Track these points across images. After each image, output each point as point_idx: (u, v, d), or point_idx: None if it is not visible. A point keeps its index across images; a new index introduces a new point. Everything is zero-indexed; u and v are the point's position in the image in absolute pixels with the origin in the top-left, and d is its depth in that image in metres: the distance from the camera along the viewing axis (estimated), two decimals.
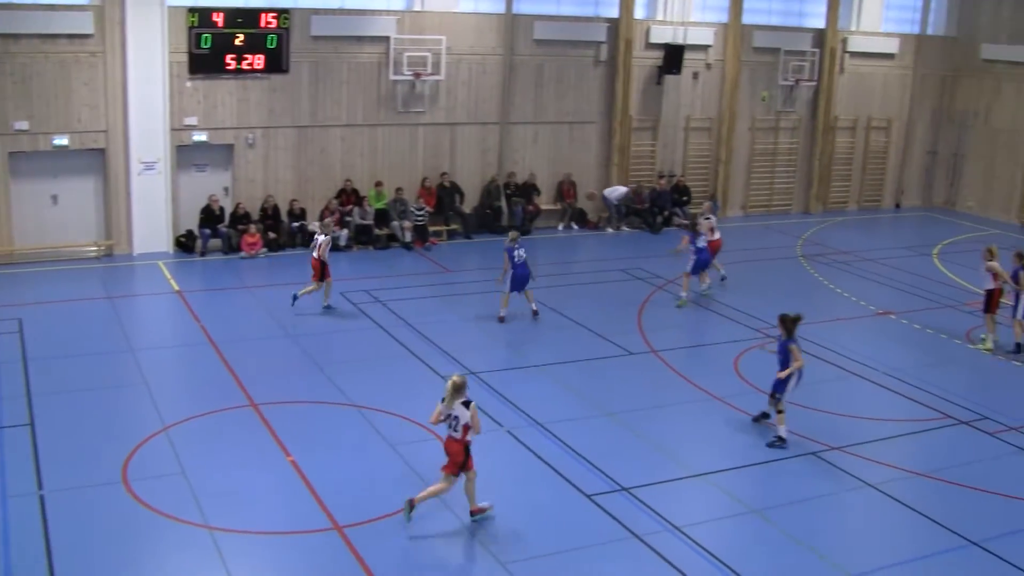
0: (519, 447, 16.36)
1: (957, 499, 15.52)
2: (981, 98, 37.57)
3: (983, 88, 37.50)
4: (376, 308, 23.00)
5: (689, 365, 20.48)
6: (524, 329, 22.22)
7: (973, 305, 24.45)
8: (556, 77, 31.28)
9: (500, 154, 30.95)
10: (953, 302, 25.29)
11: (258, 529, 13.51)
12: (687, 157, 34.11)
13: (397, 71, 28.56)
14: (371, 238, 28.29)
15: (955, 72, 38.37)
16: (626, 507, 14.55)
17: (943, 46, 38.13)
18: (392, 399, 17.83)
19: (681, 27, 32.54)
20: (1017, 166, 36.43)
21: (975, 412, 18.79)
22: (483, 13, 30.05)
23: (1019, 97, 36.22)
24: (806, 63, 35.02)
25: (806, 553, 13.69)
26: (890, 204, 38.79)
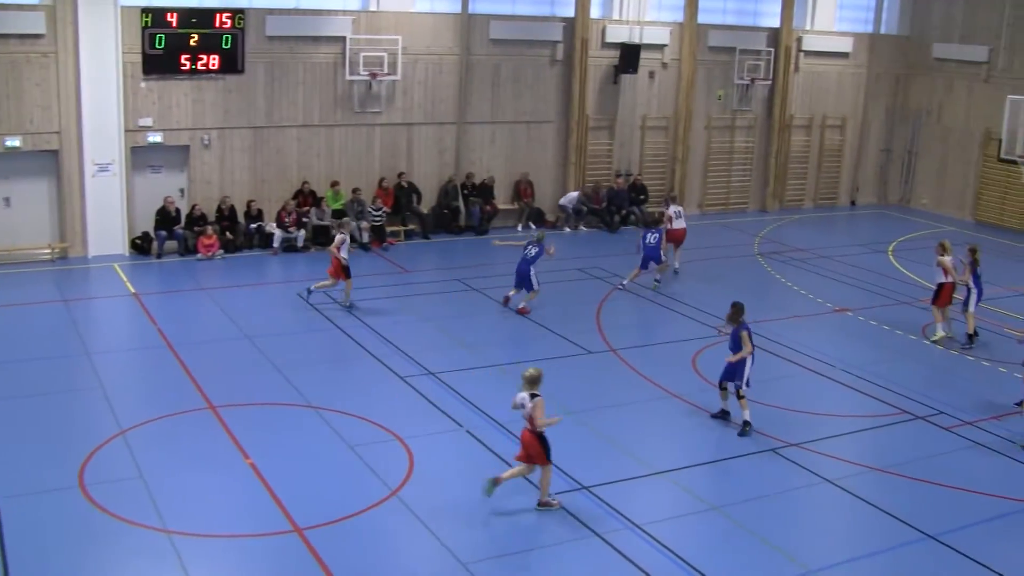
0: (479, 447, 16.34)
1: (914, 493, 15.64)
2: (934, 97, 37.94)
3: (935, 87, 37.87)
4: (334, 309, 22.91)
5: (648, 363, 20.52)
6: (483, 329, 22.20)
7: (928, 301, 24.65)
8: (513, 77, 31.29)
9: (457, 154, 30.91)
10: (908, 298, 25.51)
11: (217, 532, 13.41)
12: (644, 156, 34.21)
13: (353, 71, 28.47)
14: (329, 239, 28.13)
15: (908, 71, 38.72)
16: (587, 506, 14.56)
17: (896, 45, 38.47)
18: (350, 400, 17.76)
19: (637, 26, 32.62)
20: (969, 164, 36.81)
21: (931, 407, 18.96)
22: (439, 13, 30.00)
23: (970, 96, 36.60)
24: (761, 62, 35.23)
25: (766, 549, 13.76)
26: (845, 202, 39.08)
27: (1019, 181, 28.15)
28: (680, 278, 26.83)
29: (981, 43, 35.99)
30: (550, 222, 32.11)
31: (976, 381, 20.60)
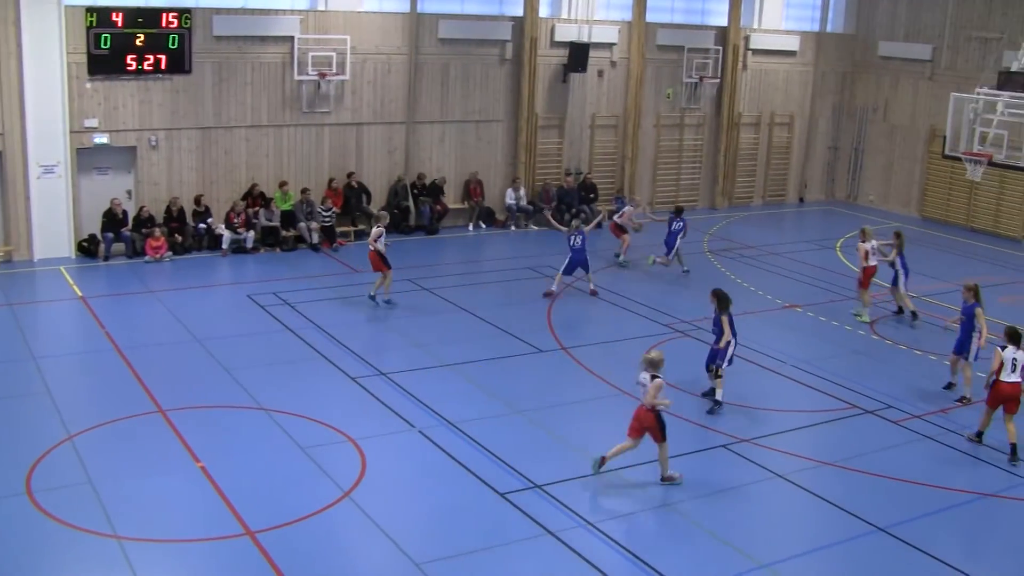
0: (431, 447, 16.31)
1: (864, 487, 15.79)
2: (880, 94, 38.34)
3: (881, 84, 38.27)
4: (284, 310, 22.79)
5: (599, 361, 20.57)
6: (434, 328, 22.16)
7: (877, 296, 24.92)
8: (462, 76, 31.26)
9: (407, 154, 30.84)
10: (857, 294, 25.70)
11: (168, 537, 13.30)
12: (593, 154, 34.29)
13: (302, 71, 28.32)
14: (278, 240, 28.02)
15: (854, 69, 39.10)
16: (539, 504, 14.57)
17: (842, 43, 38.83)
18: (301, 402, 17.67)
19: (586, 25, 32.69)
20: (915, 161, 37.23)
21: (880, 402, 19.15)
22: (387, 12, 29.91)
23: (916, 93, 37.03)
24: (709, 60, 35.42)
25: (718, 544, 13.84)
26: (794, 198, 39.40)
27: (963, 177, 28.46)
28: (631, 276, 26.92)
29: (925, 41, 36.46)
30: (500, 221, 32.10)
31: (923, 375, 20.82)
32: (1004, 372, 16.63)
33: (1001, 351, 16.74)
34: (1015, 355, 16.67)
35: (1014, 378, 16.61)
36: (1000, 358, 16.70)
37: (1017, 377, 16.62)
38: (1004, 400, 16.69)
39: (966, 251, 32.14)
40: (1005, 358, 16.67)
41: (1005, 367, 16.64)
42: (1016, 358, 16.66)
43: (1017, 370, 16.63)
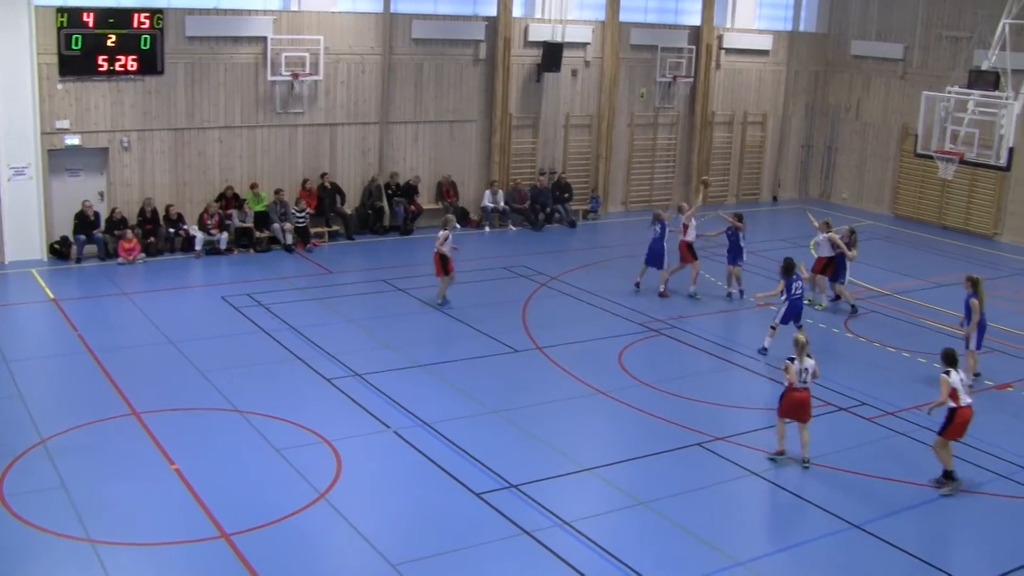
0: (407, 448, 16.29)
1: (839, 484, 15.87)
2: (852, 93, 38.53)
3: (854, 83, 38.46)
4: (258, 311, 22.71)
5: (574, 361, 20.59)
6: (408, 329, 22.13)
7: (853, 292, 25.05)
8: (435, 76, 31.22)
9: (380, 154, 30.78)
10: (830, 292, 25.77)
11: (142, 541, 13.24)
12: (567, 154, 34.31)
13: (275, 72, 28.23)
14: (252, 241, 27.93)
15: (827, 68, 39.28)
16: (515, 504, 14.58)
17: (815, 42, 38.99)
18: (276, 403, 17.63)
19: (559, 25, 32.70)
20: (887, 159, 37.44)
21: (854, 399, 19.25)
22: (361, 13, 29.84)
23: (888, 92, 37.24)
24: (683, 60, 35.50)
25: (694, 542, 13.87)
26: (767, 197, 39.54)
27: (935, 176, 28.64)
28: (605, 275, 26.95)
29: (897, 41, 36.68)
30: (474, 221, 32.09)
31: (896, 372, 20.94)
32: (961, 398, 15.50)
33: (947, 377, 15.54)
34: (961, 376, 15.65)
35: (969, 400, 15.67)
36: (949, 384, 15.48)
37: (970, 398, 15.75)
38: (966, 424, 15.68)
39: (938, 248, 32.31)
40: (955, 383, 15.49)
41: (960, 393, 15.50)
42: (963, 379, 15.70)
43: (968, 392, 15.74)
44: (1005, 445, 17.46)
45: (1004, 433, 18.02)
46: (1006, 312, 24.64)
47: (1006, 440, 17.69)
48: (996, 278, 28.41)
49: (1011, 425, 18.55)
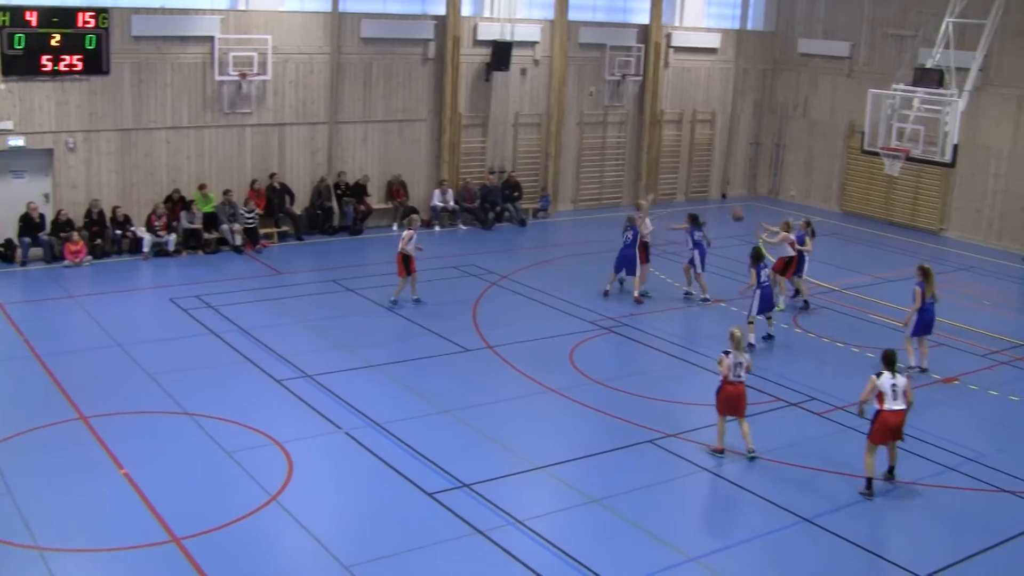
0: (359, 448, 16.24)
1: (789, 478, 16.00)
2: (800, 91, 38.86)
3: (801, 81, 38.79)
4: (207, 313, 22.54)
5: (525, 359, 20.60)
6: (359, 329, 22.06)
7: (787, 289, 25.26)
8: (384, 75, 31.13)
9: (329, 154, 30.65)
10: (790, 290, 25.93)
11: (92, 547, 13.10)
12: (517, 153, 34.32)
13: (223, 71, 28.02)
14: (200, 242, 27.72)
15: (774, 66, 39.59)
16: (468, 503, 14.57)
17: (762, 41, 39.27)
18: (226, 406, 17.50)
19: (508, 24, 32.71)
20: (834, 156, 37.79)
21: (804, 394, 19.40)
22: (309, 12, 29.69)
23: (834, 89, 37.58)
24: (632, 58, 35.62)
25: (647, 539, 13.92)
26: (717, 194, 39.77)
27: (882, 172, 28.92)
28: (556, 273, 26.99)
29: (843, 39, 37.05)
30: (424, 221, 32.01)
31: (845, 367, 21.12)
32: (886, 401, 15.33)
33: (876, 378, 15.44)
34: (893, 381, 15.37)
35: (896, 406, 15.38)
36: (875, 385, 15.42)
37: (901, 404, 15.40)
38: (891, 430, 15.50)
39: (885, 244, 32.63)
40: (883, 385, 15.36)
41: (887, 396, 15.34)
42: (895, 384, 15.36)
43: (899, 397, 15.38)
44: (953, 438, 17.67)
45: (951, 426, 18.24)
46: (952, 307, 24.94)
47: (954, 433, 17.91)
48: (942, 273, 28.62)
49: (958, 418, 18.78)
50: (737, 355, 16.38)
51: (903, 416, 15.50)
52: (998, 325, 24.46)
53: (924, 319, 20.72)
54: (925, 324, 20.77)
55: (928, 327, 20.87)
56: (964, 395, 20.01)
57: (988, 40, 25.93)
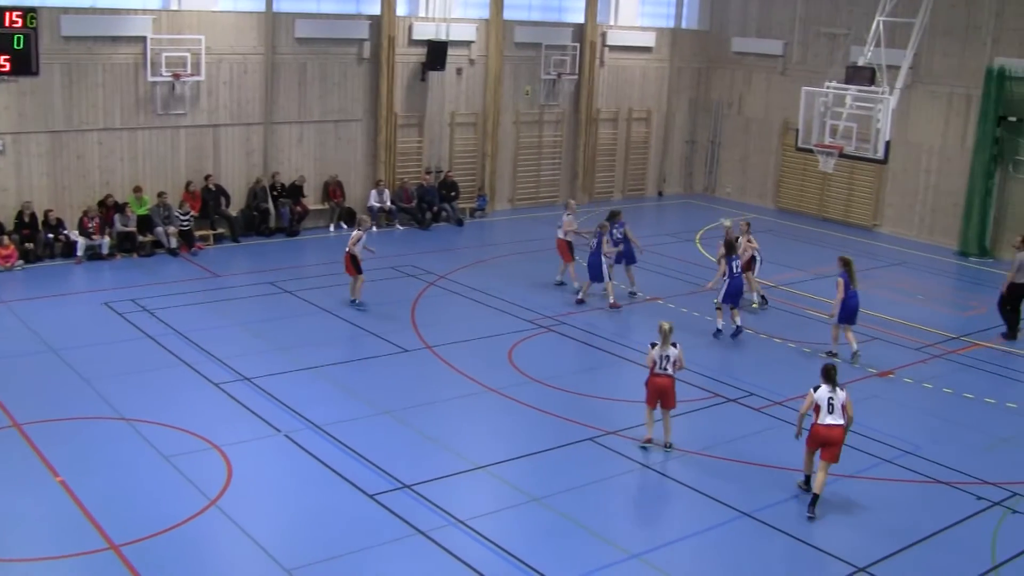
0: (298, 451, 16.13)
1: (729, 474, 16.11)
2: (734, 89, 39.18)
3: (735, 79, 39.11)
4: (143, 317, 22.29)
5: (464, 359, 20.59)
6: (297, 331, 21.92)
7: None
8: (320, 75, 30.95)
9: (265, 155, 30.43)
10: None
11: (27, 556, 12.90)
12: (453, 152, 34.28)
13: (155, 72, 27.70)
14: (135, 245, 27.39)
15: (709, 64, 39.88)
16: (409, 504, 14.53)
17: (697, 39, 39.55)
18: (164, 410, 17.31)
19: (443, 23, 32.66)
20: (769, 153, 38.16)
21: (742, 389, 19.55)
22: (242, 12, 29.44)
23: (768, 87, 37.95)
24: (567, 57, 35.71)
25: (588, 537, 13.96)
26: (653, 192, 39.98)
27: (816, 169, 29.22)
28: (494, 273, 26.99)
29: (776, 37, 37.44)
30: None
31: (783, 362, 21.35)
32: (821, 415, 14.97)
33: (814, 392, 15.14)
34: (831, 395, 14.99)
35: (831, 420, 14.92)
36: (812, 399, 15.11)
37: (837, 419, 14.94)
38: (821, 444, 15.05)
39: (819, 240, 32.97)
40: (819, 399, 15.02)
41: (821, 409, 14.97)
42: (832, 398, 14.96)
43: (836, 411, 14.95)
44: (889, 431, 17.91)
45: (887, 419, 18.48)
46: (886, 301, 25.28)
47: (890, 426, 18.14)
48: (876, 268, 29.10)
49: (894, 411, 19.04)
50: (663, 348, 16.51)
51: (839, 433, 14.95)
52: (931, 319, 24.82)
53: (849, 308, 21.30)
54: (850, 313, 21.33)
55: (853, 316, 21.42)
56: (899, 388, 20.28)
57: (918, 38, 26.28)
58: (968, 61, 32.09)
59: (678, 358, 16.63)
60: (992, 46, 31.50)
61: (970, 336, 23.69)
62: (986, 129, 31.32)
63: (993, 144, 31.21)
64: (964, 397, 19.94)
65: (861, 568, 13.55)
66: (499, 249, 29.34)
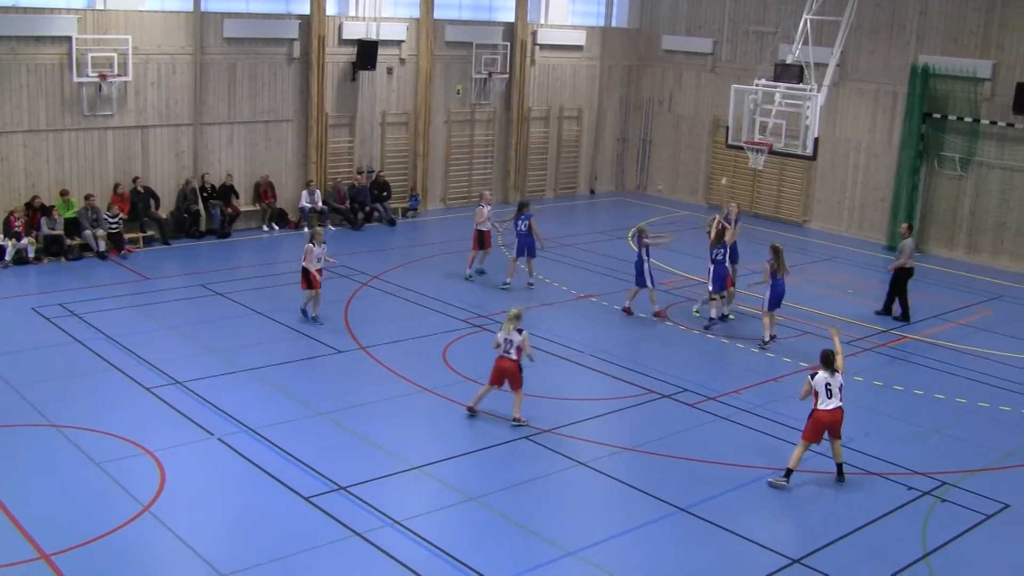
0: (232, 454, 15.99)
1: (664, 469, 16.22)
2: (664, 86, 39.44)
3: (666, 77, 39.38)
4: (72, 322, 21.97)
5: (398, 359, 20.53)
6: (230, 333, 21.72)
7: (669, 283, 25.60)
8: (249, 76, 30.70)
9: (195, 156, 30.12)
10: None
11: None
12: (385, 152, 34.17)
13: (81, 73, 27.32)
14: (62, 249, 26.99)
15: (639, 62, 40.11)
16: (346, 506, 14.46)
17: (627, 38, 39.76)
18: (94, 416, 17.09)
19: (374, 23, 32.54)
20: (700, 150, 38.48)
21: (676, 385, 19.68)
22: (170, 11, 29.12)
23: (699, 85, 38.26)
24: (498, 56, 35.74)
25: (525, 535, 13.98)
26: (585, 190, 40.13)
27: (746, 166, 29.46)
28: (427, 272, 26.93)
29: (706, 35, 37.77)
30: (292, 223, 31.68)
31: (716, 358, 21.54)
32: (821, 400, 15.57)
33: (811, 379, 15.76)
34: (829, 380, 15.63)
35: (832, 404, 15.60)
36: (810, 386, 15.71)
37: (836, 403, 15.62)
38: (826, 428, 15.69)
39: (750, 236, 33.17)
40: (817, 384, 15.63)
41: (820, 395, 15.59)
42: (831, 383, 15.62)
43: (834, 396, 15.63)
44: None
45: None
46: (816, 296, 25.59)
47: None
48: (806, 263, 29.44)
49: None
50: (508, 332, 17.27)
51: (839, 415, 15.65)
52: (861, 312, 25.14)
53: (776, 294, 22.06)
54: (777, 298, 22.12)
55: (779, 301, 22.23)
56: None
57: (844, 36, 26.61)
58: (894, 59, 32.61)
59: (522, 344, 17.22)
60: (916, 44, 32.04)
61: (899, 329, 24.04)
62: (912, 126, 31.86)
63: (919, 140, 31.73)
64: (894, 389, 20.24)
65: (796, 560, 13.69)
66: (432, 249, 29.29)
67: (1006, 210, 30.70)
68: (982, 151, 30.88)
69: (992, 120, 30.50)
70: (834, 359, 15.76)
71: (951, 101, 31.22)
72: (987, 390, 20.45)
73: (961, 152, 31.16)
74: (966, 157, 31.11)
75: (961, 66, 30.84)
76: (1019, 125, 29.90)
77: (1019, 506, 15.59)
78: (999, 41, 30.35)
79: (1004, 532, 14.86)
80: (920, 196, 32.15)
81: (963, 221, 31.64)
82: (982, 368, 21.72)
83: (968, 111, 30.83)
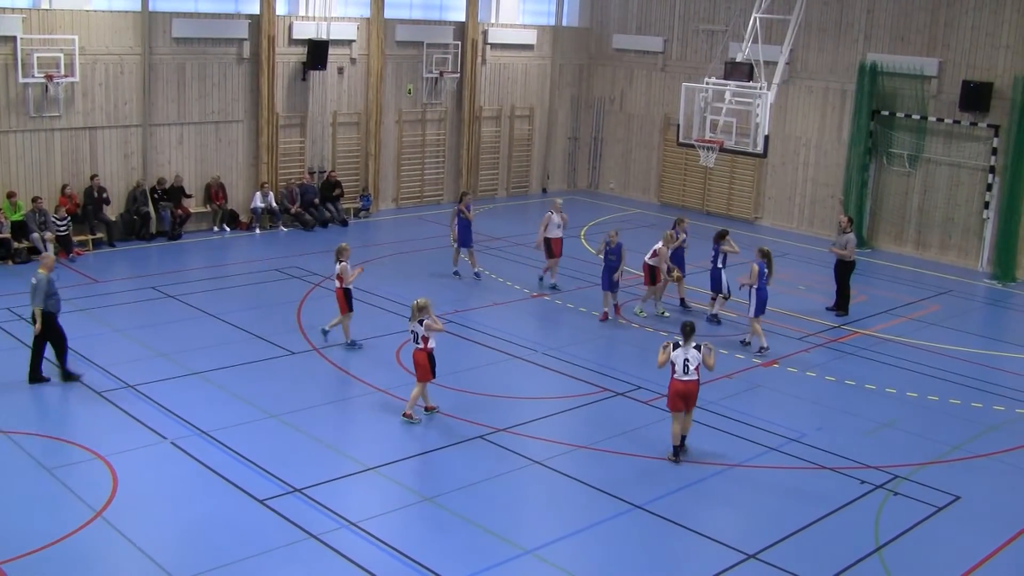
0: (185, 458, 15.87)
1: (619, 467, 16.27)
2: (616, 85, 39.56)
3: (617, 76, 39.49)
4: (19, 326, 21.70)
5: (351, 360, 20.47)
6: (181, 336, 21.54)
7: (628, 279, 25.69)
8: (199, 76, 30.46)
9: (144, 157, 29.85)
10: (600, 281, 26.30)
11: None
12: (336, 152, 34.04)
13: (27, 73, 27.00)
14: (9, 252, 26.66)
15: (590, 61, 40.22)
16: (301, 508, 14.39)
17: (578, 37, 39.84)
18: (43, 421, 16.94)
19: (324, 22, 32.40)
20: (651, 149, 38.62)
21: (629, 383, 19.72)
22: (117, 11, 28.84)
23: (649, 84, 38.40)
24: (449, 55, 35.70)
25: (482, 534, 13.97)
26: (537, 189, 40.17)
27: (697, 164, 29.59)
28: (379, 273, 26.81)
29: (656, 34, 37.92)
30: (244, 224, 31.48)
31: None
32: (677, 372, 16.06)
33: (671, 348, 16.18)
34: (686, 356, 16.02)
35: (688, 377, 16.09)
36: (667, 355, 16.16)
37: (693, 376, 16.11)
38: (680, 397, 16.17)
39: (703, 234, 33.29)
40: (675, 358, 16.08)
41: (677, 367, 16.06)
42: (688, 358, 16.01)
43: (689, 372, 16.06)
44: (774, 419, 18.26)
45: (773, 408, 18.89)
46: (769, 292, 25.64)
47: (775, 414, 18.52)
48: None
49: (779, 400, 19.42)
50: (411, 324, 17.67)
51: (693, 387, 16.26)
52: (813, 309, 25.35)
53: (762, 299, 22.11)
54: (762, 304, 22.17)
55: (764, 306, 22.25)
56: (783, 377, 20.67)
57: (793, 35, 26.78)
58: (842, 57, 32.91)
59: (424, 335, 17.45)
60: (864, 42, 32.36)
61: (850, 325, 24.24)
62: (861, 123, 32.17)
63: (867, 137, 32.03)
64: (846, 384, 20.41)
65: (751, 555, 13.77)
66: (384, 249, 29.19)
67: (953, 206, 31.06)
68: (929, 148, 31.25)
69: (939, 117, 30.85)
70: (693, 331, 16.24)
71: (899, 98, 31.58)
72: (937, 384, 20.68)
73: (909, 149, 31.51)
74: (914, 154, 31.45)
75: (908, 64, 31.19)
76: (965, 122, 30.27)
77: (970, 498, 15.77)
78: (945, 39, 30.70)
79: (956, 524, 15.02)
80: (869, 193, 32.46)
81: (912, 217, 31.98)
82: (932, 362, 21.96)
83: (916, 108, 31.17)
